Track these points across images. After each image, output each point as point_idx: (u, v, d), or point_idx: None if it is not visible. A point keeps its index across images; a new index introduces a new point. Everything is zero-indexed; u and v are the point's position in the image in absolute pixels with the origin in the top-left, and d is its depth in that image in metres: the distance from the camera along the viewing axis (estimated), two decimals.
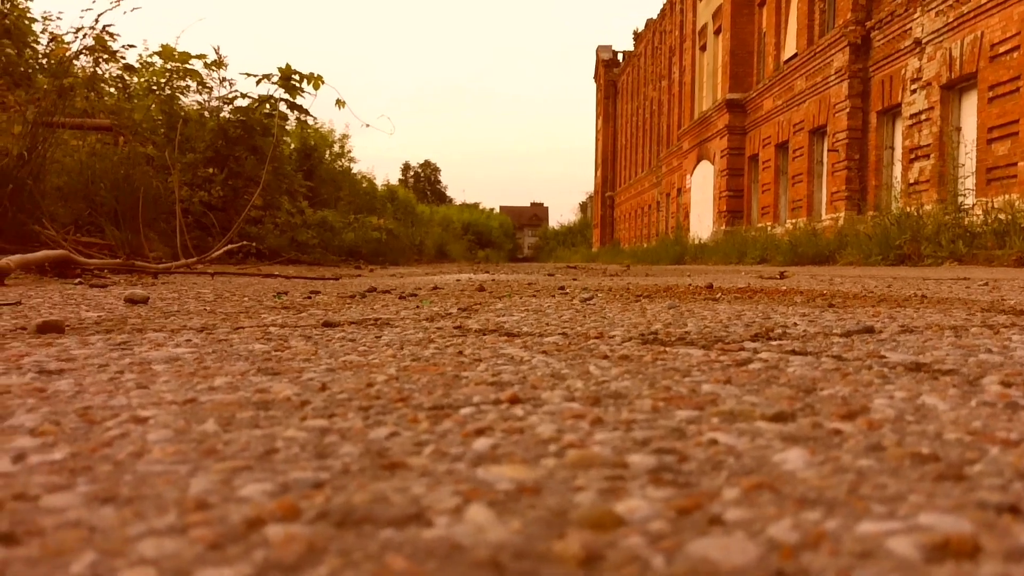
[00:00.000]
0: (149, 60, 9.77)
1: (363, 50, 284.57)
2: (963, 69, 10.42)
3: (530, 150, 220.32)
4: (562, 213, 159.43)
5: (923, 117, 11.39)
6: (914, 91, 11.66)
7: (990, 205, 9.62)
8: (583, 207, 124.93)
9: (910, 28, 11.75)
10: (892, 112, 12.61)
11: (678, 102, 26.80)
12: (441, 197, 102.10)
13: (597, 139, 48.95)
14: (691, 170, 22.78)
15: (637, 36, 38.37)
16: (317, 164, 25.28)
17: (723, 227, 19.17)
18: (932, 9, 11.12)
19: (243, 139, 9.39)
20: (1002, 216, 7.19)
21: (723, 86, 19.48)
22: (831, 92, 13.92)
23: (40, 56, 12.27)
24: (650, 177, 33.35)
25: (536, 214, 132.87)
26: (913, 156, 11.67)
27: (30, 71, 11.09)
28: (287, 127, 23.68)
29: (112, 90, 9.42)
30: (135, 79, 9.70)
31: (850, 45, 13.15)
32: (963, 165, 10.74)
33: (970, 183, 10.41)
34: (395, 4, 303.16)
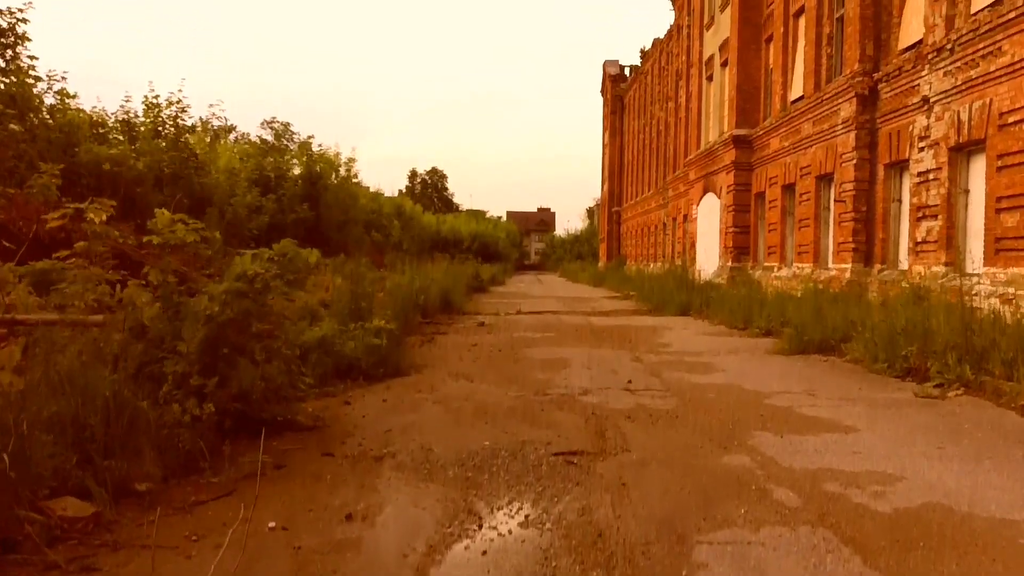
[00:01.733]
0: None
1: (370, 53, 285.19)
2: (971, 134, 10.30)
3: (537, 154, 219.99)
4: (569, 220, 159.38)
5: (931, 176, 11.27)
6: (922, 149, 11.54)
7: (998, 277, 9.51)
8: (590, 213, 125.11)
9: (918, 85, 11.63)
10: (900, 165, 12.49)
11: (684, 127, 26.68)
12: (448, 204, 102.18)
13: (604, 153, 48.86)
14: (697, 200, 22.66)
15: (644, 54, 38.26)
16: (322, 191, 25.33)
17: (729, 263, 19.06)
18: (940, 69, 11.00)
19: None
20: (1009, 310, 7.05)
21: (730, 120, 19.37)
22: (838, 141, 13.80)
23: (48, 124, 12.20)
24: (656, 198, 33.24)
25: (543, 219, 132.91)
26: (921, 214, 11.55)
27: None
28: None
29: None
30: None
31: (857, 96, 13.03)
32: (970, 229, 10.63)
33: (978, 250, 10.29)
34: (405, 7, 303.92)
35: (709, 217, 21.31)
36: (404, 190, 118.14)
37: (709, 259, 21.14)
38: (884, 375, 6.76)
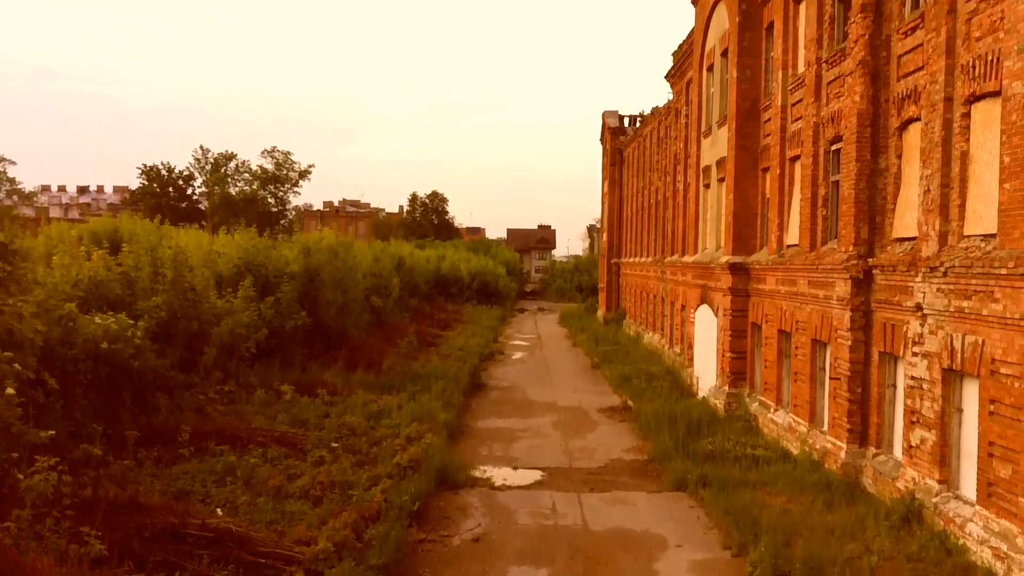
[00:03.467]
0: None
1: (370, 54, 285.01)
2: (964, 367, 10.34)
3: (538, 171, 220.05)
4: (569, 239, 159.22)
5: (924, 387, 11.31)
6: (915, 354, 11.58)
7: (991, 526, 9.55)
8: (590, 231, 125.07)
9: (911, 287, 11.67)
10: (894, 356, 12.53)
11: (683, 215, 26.70)
12: (449, 228, 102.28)
13: (603, 202, 48.93)
14: (694, 306, 22.70)
15: (643, 119, 38.30)
16: (321, 287, 25.33)
17: (726, 388, 19.08)
18: (933, 284, 11.04)
19: None
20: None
21: (726, 243, 19.40)
22: (833, 314, 13.84)
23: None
24: (655, 268, 33.27)
25: (544, 237, 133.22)
26: (915, 419, 11.59)
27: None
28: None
29: None
30: None
31: (852, 279, 13.07)
32: (964, 449, 10.67)
33: (971, 473, 10.34)
34: (404, 17, 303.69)
35: (706, 328, 21.34)
36: (405, 209, 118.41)
37: (707, 372, 21.18)
38: None
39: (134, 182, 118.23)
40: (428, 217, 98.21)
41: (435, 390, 19.73)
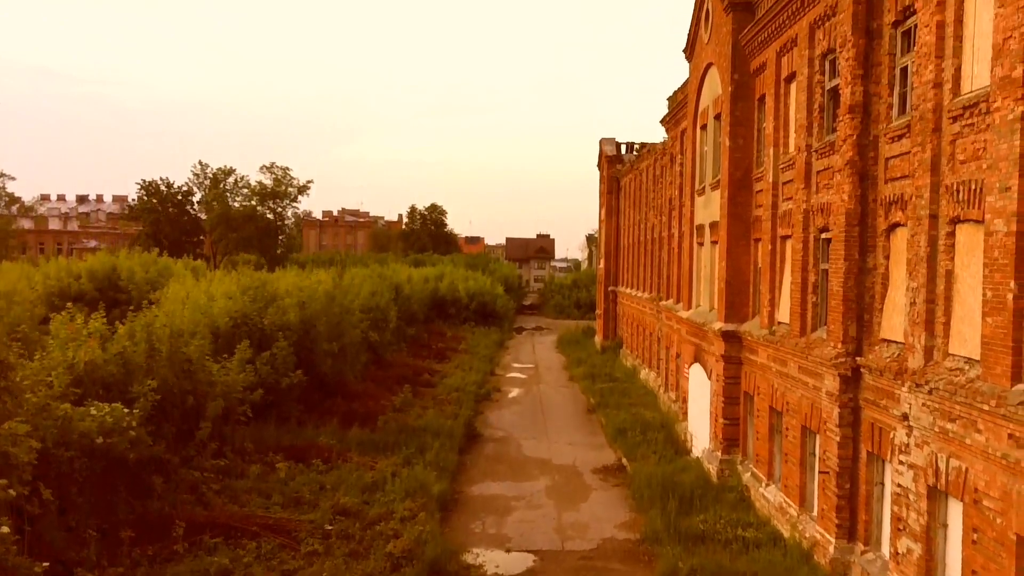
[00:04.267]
0: None
1: (370, 63, 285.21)
2: (949, 488, 10.44)
3: (538, 171, 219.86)
4: (568, 248, 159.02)
5: (911, 498, 11.41)
6: (902, 462, 11.69)
7: None
8: (589, 240, 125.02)
9: (899, 395, 11.78)
10: (882, 457, 12.63)
11: (677, 264, 26.81)
12: (447, 241, 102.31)
13: (600, 227, 49.06)
14: (688, 362, 22.81)
15: (640, 153, 38.39)
16: (318, 337, 25.39)
17: (719, 453, 19.19)
18: (919, 397, 11.14)
19: None
20: None
21: (720, 309, 19.51)
22: (822, 406, 13.95)
23: None
24: (651, 306, 33.38)
25: (543, 247, 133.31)
26: (901, 526, 11.69)
27: None
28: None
29: None
30: None
31: (840, 376, 13.18)
32: (950, 567, 10.77)
33: None
34: (404, 17, 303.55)
35: (700, 387, 21.45)
36: (404, 219, 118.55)
37: (700, 432, 21.29)
38: None
39: (133, 189, 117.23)
40: (427, 230, 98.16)
41: (428, 456, 19.80)
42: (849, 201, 13.15)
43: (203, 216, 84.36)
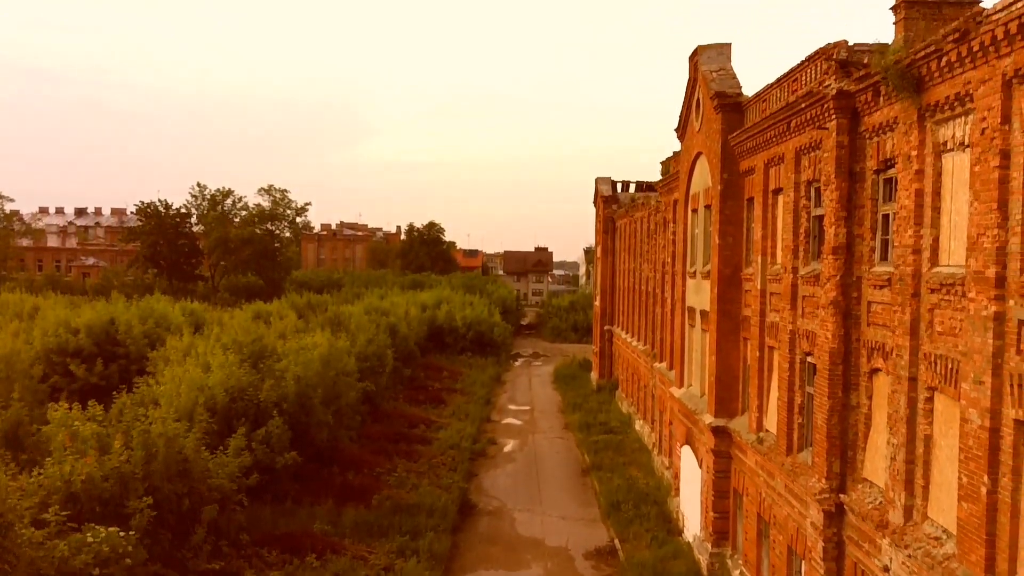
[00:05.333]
0: None
1: (371, 62, 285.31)
2: None
3: (535, 181, 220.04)
4: (566, 253, 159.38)
5: None
6: None
7: None
8: (587, 253, 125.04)
9: (880, 545, 11.98)
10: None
11: (670, 328, 27.00)
12: (445, 259, 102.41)
13: (596, 264, 49.26)
14: (681, 441, 23.01)
15: (634, 201, 38.56)
16: (312, 408, 25.58)
17: (709, 545, 19.41)
18: (899, 555, 11.35)
19: None
20: None
21: (710, 403, 19.71)
22: (808, 530, 14.15)
23: None
24: (645, 359, 33.57)
25: (541, 260, 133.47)
26: None
27: None
28: None
29: None
30: None
31: (824, 512, 13.39)
32: None
33: None
34: (405, 17, 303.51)
35: (691, 470, 21.66)
36: (403, 231, 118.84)
37: (691, 507, 21.50)
38: None
39: (132, 198, 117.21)
40: (426, 250, 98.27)
41: (422, 544, 20.00)
42: (833, 340, 13.36)
43: (201, 231, 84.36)
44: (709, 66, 20.03)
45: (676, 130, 23.71)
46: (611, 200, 45.20)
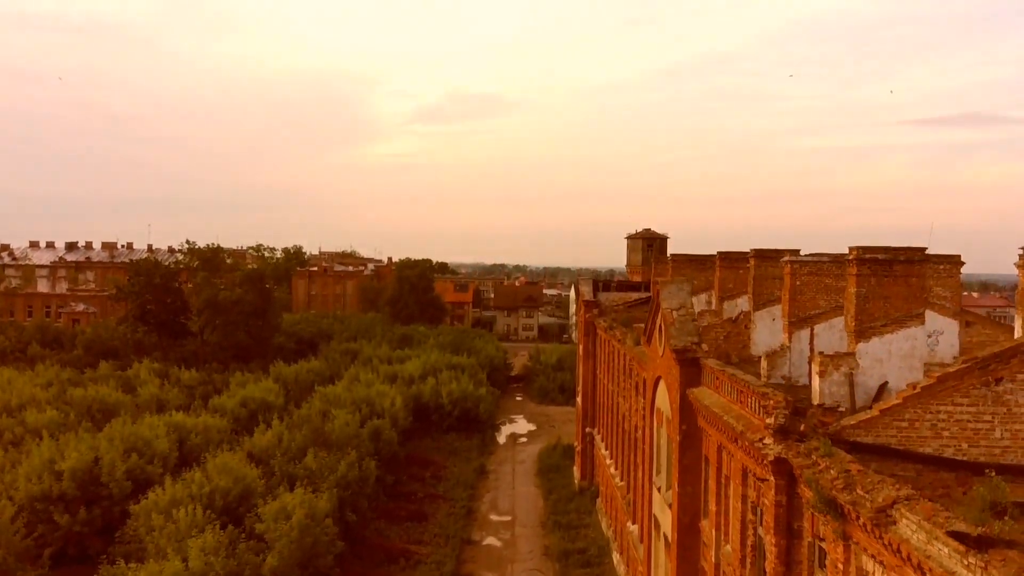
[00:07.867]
0: None
1: (370, 62, 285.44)
2: None
3: (535, 180, 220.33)
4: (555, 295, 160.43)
5: None
6: None
7: None
8: (576, 289, 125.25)
9: None
10: None
11: (641, 504, 27.52)
12: (436, 307, 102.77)
13: (578, 364, 49.79)
14: None
15: (615, 318, 39.06)
16: None
17: None
18: None
19: None
20: None
21: None
22: None
23: None
24: (621, 493, 34.09)
25: (531, 295, 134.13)
26: None
27: None
28: None
29: None
30: None
31: None
32: None
33: None
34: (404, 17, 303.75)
35: None
36: (394, 263, 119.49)
37: None
38: None
39: (122, 232, 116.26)
40: (414, 298, 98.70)
41: None
42: None
43: (190, 288, 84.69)
44: (670, 303, 20.56)
45: (643, 335, 24.22)
46: (592, 305, 45.72)
